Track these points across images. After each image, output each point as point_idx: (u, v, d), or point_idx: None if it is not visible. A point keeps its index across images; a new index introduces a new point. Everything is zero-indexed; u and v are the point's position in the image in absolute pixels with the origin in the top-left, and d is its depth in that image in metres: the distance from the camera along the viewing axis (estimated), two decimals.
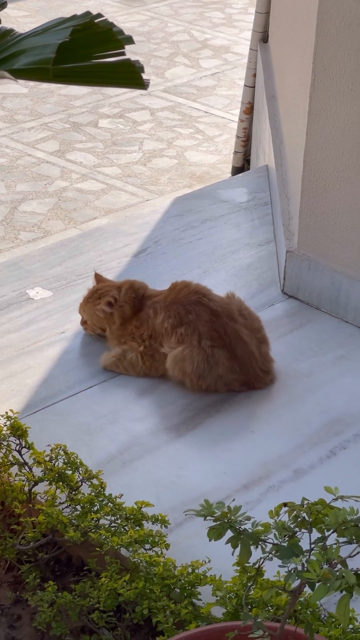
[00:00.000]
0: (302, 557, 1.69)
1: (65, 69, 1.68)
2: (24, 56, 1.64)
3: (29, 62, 1.62)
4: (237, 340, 2.92)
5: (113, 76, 1.71)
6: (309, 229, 3.33)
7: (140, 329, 3.01)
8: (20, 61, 1.64)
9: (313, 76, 3.11)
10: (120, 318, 3.04)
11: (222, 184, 4.24)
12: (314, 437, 2.82)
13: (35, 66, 1.60)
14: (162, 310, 2.98)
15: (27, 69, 1.63)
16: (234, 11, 7.55)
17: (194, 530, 2.46)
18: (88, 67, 1.69)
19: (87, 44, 1.68)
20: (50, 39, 1.63)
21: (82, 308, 3.14)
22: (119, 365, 3.01)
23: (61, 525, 2.31)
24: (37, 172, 5.15)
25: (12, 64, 1.65)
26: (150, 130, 5.66)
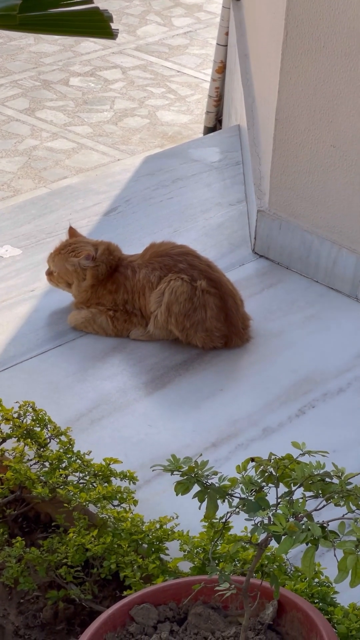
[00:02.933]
0: (268, 511, 1.70)
1: (31, 17, 1.65)
2: None
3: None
4: (228, 292, 2.94)
5: (81, 25, 1.68)
6: (280, 189, 3.32)
7: (115, 294, 2.98)
8: None
9: (285, 33, 3.08)
10: (93, 278, 3.00)
11: (193, 143, 4.21)
12: (283, 396, 2.83)
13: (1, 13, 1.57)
14: (141, 267, 2.97)
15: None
16: None
17: (162, 487, 2.46)
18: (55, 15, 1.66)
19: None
20: None
21: (52, 259, 3.06)
22: (88, 326, 2.99)
23: (29, 482, 2.31)
24: (6, 130, 5.10)
25: None
26: (122, 89, 5.61)
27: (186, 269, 2.92)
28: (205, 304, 2.90)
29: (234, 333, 2.96)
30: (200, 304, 2.89)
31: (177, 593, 1.94)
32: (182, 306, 2.88)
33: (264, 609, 1.89)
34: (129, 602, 1.92)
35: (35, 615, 2.27)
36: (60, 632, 2.24)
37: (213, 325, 2.91)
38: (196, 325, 2.90)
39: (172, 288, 2.88)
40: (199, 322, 2.90)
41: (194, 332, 2.91)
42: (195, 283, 2.90)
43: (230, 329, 2.95)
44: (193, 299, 2.89)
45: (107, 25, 1.67)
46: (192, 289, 2.89)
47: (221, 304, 2.93)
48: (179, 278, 2.89)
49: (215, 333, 2.93)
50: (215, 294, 2.92)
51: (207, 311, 2.90)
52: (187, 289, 2.88)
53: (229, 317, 2.94)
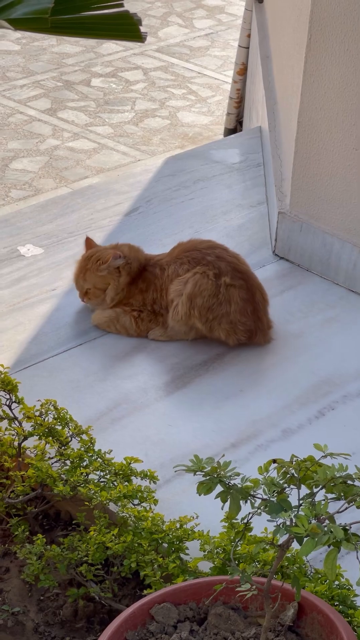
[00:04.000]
0: (290, 513, 1.71)
1: (62, 20, 1.66)
2: (22, 5, 1.62)
3: (26, 11, 1.61)
4: (256, 285, 2.96)
5: (111, 28, 1.69)
6: (302, 191, 3.32)
7: (146, 292, 2.99)
8: (18, 10, 1.62)
9: (309, 36, 3.09)
10: (128, 275, 3.01)
11: (214, 145, 4.22)
12: (302, 398, 2.84)
13: (33, 16, 1.58)
14: (170, 263, 2.99)
15: (24, 18, 1.61)
16: None
17: (182, 487, 2.48)
18: (86, 19, 1.68)
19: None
20: None
21: (82, 278, 3.02)
22: (111, 326, 3.01)
23: (50, 480, 2.32)
24: (28, 130, 5.12)
25: (9, 13, 1.63)
26: (143, 90, 5.62)
27: (214, 261, 2.93)
28: (230, 299, 2.91)
29: (259, 328, 2.96)
30: (225, 299, 2.91)
31: (197, 593, 1.96)
32: (206, 300, 2.90)
33: (284, 611, 1.89)
34: (150, 601, 1.94)
35: (55, 613, 2.28)
36: (79, 630, 2.25)
37: (237, 318, 2.92)
38: (220, 318, 2.91)
39: (196, 281, 2.89)
40: (223, 315, 2.91)
41: (218, 324, 2.92)
42: (219, 280, 2.91)
43: (257, 324, 2.96)
44: (218, 295, 2.90)
45: (136, 28, 1.68)
46: (216, 287, 2.90)
47: (248, 296, 2.94)
48: (205, 274, 2.90)
49: (240, 326, 2.93)
50: (241, 286, 2.94)
51: (231, 305, 2.91)
52: (211, 286, 2.90)
53: (255, 311, 2.96)
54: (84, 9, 1.67)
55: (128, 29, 1.68)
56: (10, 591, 2.33)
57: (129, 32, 1.69)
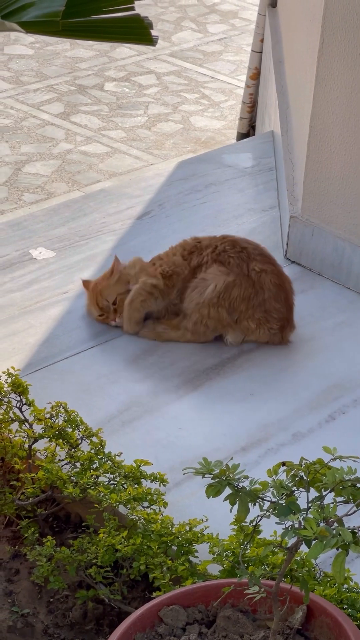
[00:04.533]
0: (299, 515, 1.71)
1: (73, 23, 1.67)
2: (33, 9, 1.63)
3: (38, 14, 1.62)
4: (284, 275, 3.00)
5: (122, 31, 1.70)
6: (314, 195, 3.33)
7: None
8: (29, 14, 1.63)
9: (321, 41, 3.09)
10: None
11: (227, 149, 4.23)
12: (313, 402, 2.84)
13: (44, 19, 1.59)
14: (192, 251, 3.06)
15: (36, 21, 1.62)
16: None
17: (191, 490, 2.48)
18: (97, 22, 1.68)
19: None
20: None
21: (102, 298, 3.01)
22: (139, 295, 3.00)
23: (60, 482, 2.33)
24: (41, 134, 5.14)
25: (21, 16, 1.64)
26: (156, 95, 5.63)
27: (238, 254, 2.97)
28: (262, 285, 2.93)
29: (288, 322, 2.97)
30: (259, 287, 2.92)
31: (206, 595, 1.96)
32: (243, 290, 2.92)
33: (293, 614, 1.89)
34: (158, 603, 1.94)
35: (65, 615, 2.29)
36: (89, 632, 2.26)
37: (272, 306, 2.93)
38: (255, 308, 2.92)
39: (223, 281, 2.91)
40: (258, 305, 2.92)
41: (252, 313, 2.92)
42: (249, 265, 2.93)
43: (289, 315, 2.97)
44: (252, 285, 2.93)
45: (147, 32, 1.69)
46: (247, 276, 2.92)
47: (279, 281, 2.96)
48: (230, 271, 2.93)
49: (274, 314, 2.94)
50: (272, 271, 2.96)
51: (265, 292, 2.93)
52: (243, 278, 2.92)
53: (287, 300, 2.97)
54: (95, 12, 1.68)
55: (139, 32, 1.69)
56: (20, 593, 2.33)
57: (140, 35, 1.70)
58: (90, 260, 3.37)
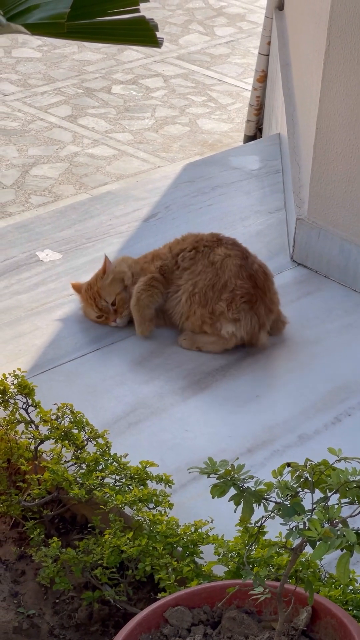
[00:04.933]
0: (303, 516, 1.71)
1: (79, 25, 1.67)
2: (39, 11, 1.64)
3: (43, 16, 1.62)
4: (255, 259, 3.03)
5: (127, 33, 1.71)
6: (320, 197, 3.33)
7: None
8: (34, 16, 1.64)
9: (328, 43, 3.10)
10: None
11: (233, 151, 4.23)
12: (319, 403, 2.84)
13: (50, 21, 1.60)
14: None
15: (41, 23, 1.63)
16: None
17: (197, 492, 2.48)
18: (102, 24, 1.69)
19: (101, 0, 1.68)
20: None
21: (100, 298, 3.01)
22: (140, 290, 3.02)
23: (66, 483, 2.33)
24: (49, 137, 5.15)
25: (26, 18, 1.65)
26: (163, 97, 5.64)
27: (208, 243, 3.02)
28: (224, 268, 2.95)
29: (260, 297, 2.95)
30: (221, 270, 2.95)
31: (211, 596, 1.96)
32: (207, 280, 2.95)
33: (298, 615, 1.89)
34: (164, 604, 1.94)
35: (70, 616, 2.29)
36: (94, 633, 2.26)
37: (233, 282, 2.93)
38: (220, 291, 2.93)
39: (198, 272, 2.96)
40: (222, 287, 2.93)
41: (218, 299, 2.93)
42: (214, 252, 2.97)
43: (256, 291, 2.94)
44: (216, 271, 2.95)
45: (152, 34, 1.69)
46: (212, 264, 2.95)
47: (242, 262, 2.96)
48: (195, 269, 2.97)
49: (237, 291, 2.92)
50: (236, 255, 2.98)
51: (226, 272, 2.94)
52: (209, 269, 2.96)
53: (252, 277, 2.95)
54: (100, 14, 1.68)
55: (144, 34, 1.69)
56: (25, 594, 2.34)
57: (145, 37, 1.71)
58: (97, 263, 3.37)
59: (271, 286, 3.01)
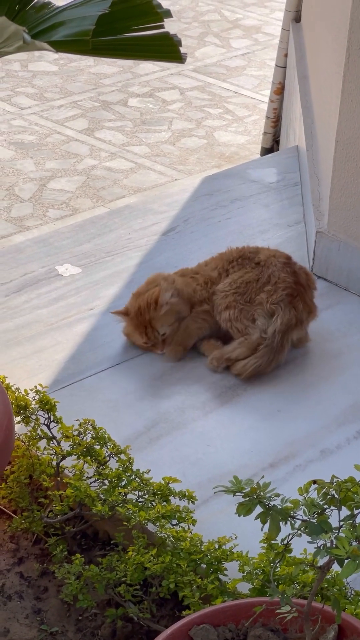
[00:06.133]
0: (331, 534, 1.70)
1: (103, 42, 1.67)
2: (63, 28, 1.64)
3: (67, 33, 1.62)
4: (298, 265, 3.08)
5: (151, 49, 1.70)
6: (340, 210, 3.32)
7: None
8: (59, 33, 1.63)
9: (347, 55, 3.09)
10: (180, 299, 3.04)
11: (251, 164, 4.23)
12: (340, 418, 2.82)
13: (74, 38, 1.60)
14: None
15: (66, 40, 1.63)
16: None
17: (219, 507, 2.47)
18: (126, 40, 1.69)
19: (125, 17, 1.67)
20: (89, 11, 1.63)
21: (151, 329, 2.95)
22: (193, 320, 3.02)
23: (89, 499, 2.32)
24: (66, 150, 5.16)
25: (51, 35, 1.65)
26: (180, 110, 5.65)
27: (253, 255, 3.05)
28: (269, 265, 2.98)
29: (301, 294, 2.96)
30: (265, 268, 2.98)
31: (236, 614, 1.94)
32: (248, 276, 2.97)
33: (324, 633, 1.88)
34: (189, 622, 1.92)
35: (94, 633, 2.28)
36: None
37: (277, 275, 2.95)
38: (263, 285, 2.94)
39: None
40: (265, 282, 2.95)
41: (262, 287, 2.94)
42: (257, 258, 3.01)
43: (298, 287, 2.96)
44: (259, 272, 2.99)
45: (176, 49, 1.69)
46: (255, 266, 2.99)
47: (286, 261, 3.01)
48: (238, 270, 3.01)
49: (280, 284, 2.94)
50: (280, 255, 3.03)
51: (270, 268, 2.97)
52: (250, 269, 3.00)
53: (295, 274, 2.98)
54: (125, 30, 1.68)
55: (168, 50, 1.69)
56: (48, 611, 2.33)
57: (169, 53, 1.70)
58: (116, 277, 3.37)
59: (312, 287, 3.03)
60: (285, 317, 2.90)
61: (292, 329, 2.93)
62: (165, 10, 1.71)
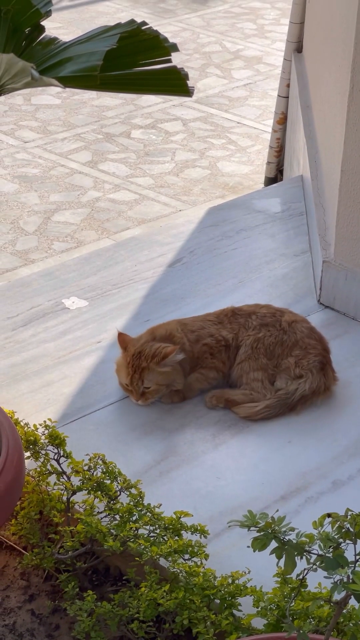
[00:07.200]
0: (347, 569, 1.67)
1: (111, 77, 1.67)
2: (71, 64, 1.64)
3: (76, 69, 1.62)
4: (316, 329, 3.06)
5: (159, 83, 1.70)
6: (346, 239, 3.31)
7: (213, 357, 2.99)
8: (67, 68, 1.63)
9: (351, 85, 3.09)
10: (190, 360, 2.97)
11: (256, 194, 4.23)
12: (351, 448, 2.80)
13: (82, 73, 1.60)
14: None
15: (74, 76, 1.63)
16: (265, 22, 7.54)
17: (232, 541, 2.44)
18: (134, 74, 1.69)
19: (133, 52, 1.68)
20: (97, 46, 1.63)
21: (139, 378, 2.83)
22: (199, 387, 2.97)
23: (100, 535, 2.30)
24: (70, 183, 5.17)
25: (58, 71, 1.65)
26: (183, 141, 5.66)
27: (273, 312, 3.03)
28: (295, 330, 2.97)
29: (328, 362, 2.95)
30: (291, 332, 2.96)
31: None
32: (273, 337, 2.95)
33: None
34: None
35: None
36: None
37: (306, 342, 2.94)
38: (290, 348, 2.93)
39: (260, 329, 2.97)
40: (293, 344, 2.93)
41: (288, 353, 2.92)
42: (282, 319, 2.99)
43: (325, 356, 2.95)
44: (283, 333, 2.96)
45: (184, 83, 1.69)
46: (280, 327, 2.97)
47: (311, 327, 3.00)
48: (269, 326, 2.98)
49: (311, 350, 2.93)
50: (303, 320, 3.02)
51: (297, 334, 2.96)
52: (275, 330, 2.96)
53: (322, 341, 2.98)
54: (132, 65, 1.68)
55: (176, 83, 1.69)
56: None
57: (177, 87, 1.70)
58: (123, 309, 3.36)
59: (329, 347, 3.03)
60: (314, 383, 2.91)
61: (318, 395, 2.93)
62: (172, 44, 1.72)
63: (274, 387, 2.92)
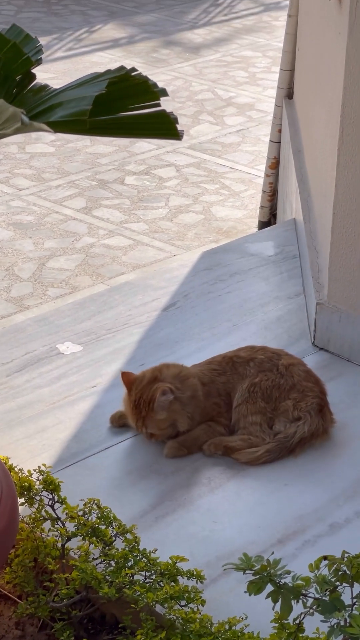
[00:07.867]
0: (344, 612, 1.66)
1: (100, 121, 1.69)
2: (61, 109, 1.65)
3: (65, 114, 1.64)
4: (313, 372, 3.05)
5: (148, 127, 1.72)
6: (339, 281, 3.32)
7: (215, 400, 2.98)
8: (57, 114, 1.65)
9: (341, 129, 3.12)
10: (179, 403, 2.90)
11: (250, 238, 4.25)
12: (348, 491, 2.78)
13: (72, 118, 1.61)
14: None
15: (64, 121, 1.64)
16: (257, 70, 7.63)
17: (229, 586, 2.42)
18: (123, 119, 1.70)
19: (122, 96, 1.69)
20: (86, 92, 1.65)
21: (142, 425, 2.85)
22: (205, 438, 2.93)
23: (95, 582, 2.28)
24: (64, 229, 5.19)
25: (49, 116, 1.66)
26: (176, 187, 5.70)
27: (268, 357, 3.00)
28: (292, 373, 2.95)
29: (325, 404, 2.94)
30: (288, 375, 2.95)
31: None
32: (270, 381, 2.93)
33: None
34: None
35: None
36: None
37: (304, 385, 2.93)
38: (287, 392, 2.92)
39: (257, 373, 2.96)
40: (290, 388, 2.92)
41: (286, 397, 2.91)
42: (278, 362, 2.97)
43: (322, 398, 2.95)
44: (280, 376, 2.95)
45: (173, 127, 1.70)
46: (277, 370, 2.96)
47: (308, 369, 2.99)
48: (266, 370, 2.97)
49: (308, 392, 2.92)
50: (300, 362, 3.01)
51: (294, 377, 2.94)
52: (272, 374, 2.95)
53: (318, 383, 2.98)
54: (122, 109, 1.70)
55: (165, 127, 1.70)
56: None
57: (166, 130, 1.71)
58: (118, 353, 3.36)
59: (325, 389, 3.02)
60: (313, 426, 2.89)
61: (316, 437, 2.91)
62: (161, 89, 1.73)
63: (273, 430, 2.91)
